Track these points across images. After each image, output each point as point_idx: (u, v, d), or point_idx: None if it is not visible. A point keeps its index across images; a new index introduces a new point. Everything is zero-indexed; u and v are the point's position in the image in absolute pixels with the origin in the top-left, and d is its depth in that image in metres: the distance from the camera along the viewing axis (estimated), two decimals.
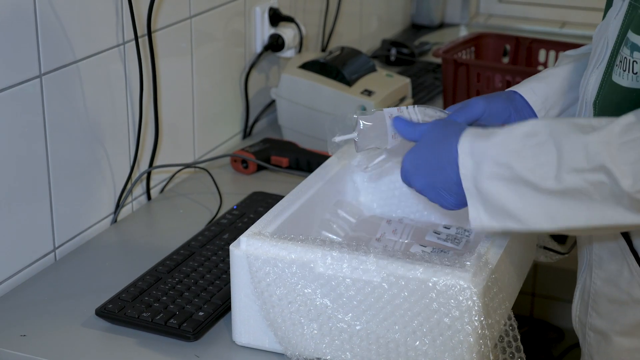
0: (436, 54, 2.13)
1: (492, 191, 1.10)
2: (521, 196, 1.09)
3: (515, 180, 1.08)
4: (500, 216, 1.11)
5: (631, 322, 1.25)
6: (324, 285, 1.17)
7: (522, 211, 1.09)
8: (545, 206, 1.08)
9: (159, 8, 1.70)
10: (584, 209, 1.05)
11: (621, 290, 1.25)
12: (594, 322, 1.31)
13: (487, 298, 1.13)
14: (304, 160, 1.85)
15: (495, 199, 1.10)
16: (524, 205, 1.09)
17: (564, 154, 1.06)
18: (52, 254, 1.53)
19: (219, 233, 1.54)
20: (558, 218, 1.08)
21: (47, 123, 1.47)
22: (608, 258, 1.26)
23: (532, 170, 1.07)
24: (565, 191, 1.05)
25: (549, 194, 1.07)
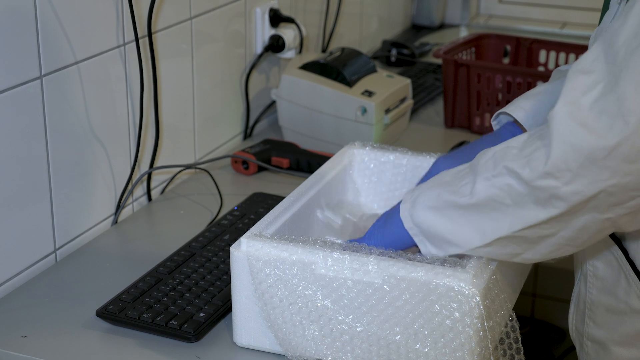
0: (436, 54, 2.12)
1: (426, 220, 1.16)
2: (450, 219, 1.14)
3: (443, 205, 1.14)
4: (442, 244, 1.17)
5: (630, 332, 1.25)
6: (325, 286, 1.17)
7: (454, 233, 1.14)
8: (471, 222, 1.12)
9: (159, 9, 1.70)
10: (502, 216, 1.09)
11: (619, 300, 1.25)
12: (591, 331, 1.30)
13: (488, 299, 1.13)
14: (305, 161, 1.84)
15: (431, 228, 1.16)
16: (454, 227, 1.14)
17: (478, 169, 1.11)
18: (52, 255, 1.53)
19: (220, 234, 1.54)
20: (485, 231, 1.12)
21: (48, 124, 1.47)
22: (604, 268, 1.26)
23: (454, 192, 1.13)
24: (481, 202, 1.10)
25: (469, 209, 1.12)
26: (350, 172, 1.53)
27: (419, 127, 2.15)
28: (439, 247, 1.17)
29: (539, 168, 1.03)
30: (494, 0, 3.16)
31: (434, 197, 1.16)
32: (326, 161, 1.50)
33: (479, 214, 1.11)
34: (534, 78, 2.02)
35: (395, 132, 2.03)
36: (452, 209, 1.13)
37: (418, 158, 1.50)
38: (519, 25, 3.02)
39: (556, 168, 1.01)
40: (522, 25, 3.02)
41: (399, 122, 2.02)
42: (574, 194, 1.02)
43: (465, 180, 1.13)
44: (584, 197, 1.02)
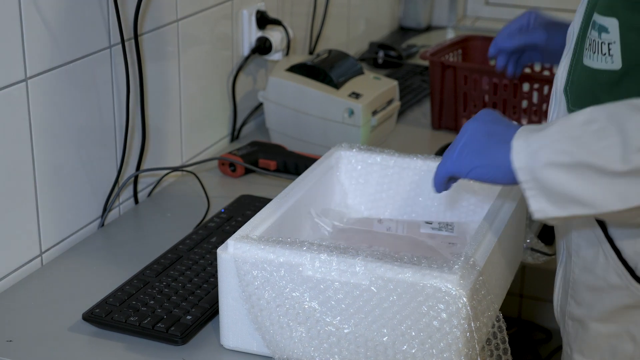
0: (423, 56, 2.13)
1: (553, 179, 1.07)
2: (587, 180, 1.06)
3: (578, 165, 1.06)
4: (565, 202, 1.08)
5: (607, 308, 1.27)
6: (312, 288, 1.17)
7: (591, 195, 1.06)
8: (615, 188, 1.05)
9: (145, 11, 1.69)
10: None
11: (597, 276, 1.27)
12: (572, 310, 1.33)
13: (475, 300, 1.13)
14: (292, 163, 1.84)
15: (557, 187, 1.07)
16: (592, 190, 1.06)
17: (628, 135, 1.04)
18: (38, 258, 1.52)
19: (207, 236, 1.54)
20: (630, 198, 1.05)
21: (33, 127, 1.46)
22: (585, 245, 1.28)
23: (595, 153, 1.05)
24: (634, 170, 1.03)
25: (617, 175, 1.04)
26: (337, 174, 1.53)
27: (406, 128, 2.15)
28: (558, 205, 1.08)
29: None
30: (481, 2, 3.17)
31: (564, 153, 1.07)
32: (313, 163, 1.50)
33: (626, 181, 1.04)
34: (521, 79, 2.03)
35: (383, 134, 2.03)
36: (592, 171, 1.05)
37: (405, 160, 1.51)
38: None
39: None
40: None
41: (386, 123, 2.02)
42: None
43: (608, 141, 1.05)
44: None
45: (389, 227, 1.45)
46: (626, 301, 1.26)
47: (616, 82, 1.18)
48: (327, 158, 1.51)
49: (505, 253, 1.33)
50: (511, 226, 1.35)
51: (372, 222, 1.48)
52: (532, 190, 1.09)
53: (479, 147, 1.16)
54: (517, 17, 1.70)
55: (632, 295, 1.25)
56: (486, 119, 1.19)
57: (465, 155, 1.17)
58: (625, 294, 1.25)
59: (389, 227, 1.45)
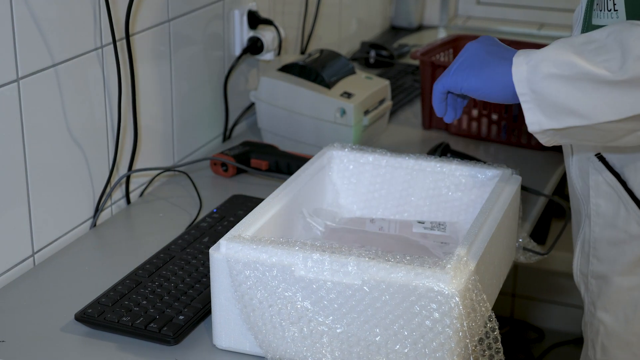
0: (414, 56, 2.13)
1: (550, 90, 1.12)
2: (584, 91, 1.10)
3: (577, 77, 1.10)
4: (560, 114, 1.12)
5: (630, 259, 1.32)
6: (304, 288, 1.17)
7: (585, 105, 1.10)
8: (610, 97, 1.09)
9: (137, 11, 1.69)
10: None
11: (619, 230, 1.31)
12: (594, 268, 1.37)
13: (467, 300, 1.13)
14: (284, 163, 1.84)
15: (554, 98, 1.12)
16: (588, 100, 1.10)
17: (628, 46, 1.08)
18: (30, 258, 1.52)
19: (199, 236, 1.54)
20: (624, 108, 1.09)
21: (25, 127, 1.46)
22: (605, 204, 1.32)
23: (595, 64, 1.09)
24: (631, 80, 1.07)
25: (614, 85, 1.08)
26: (329, 174, 1.53)
27: (398, 128, 2.15)
28: (553, 117, 1.13)
29: None
30: (472, 2, 3.18)
31: (565, 65, 1.11)
32: (305, 163, 1.50)
33: (623, 91, 1.08)
34: None
35: (374, 134, 2.03)
36: (589, 82, 1.10)
37: (397, 159, 1.51)
38: (497, 26, 3.04)
39: None
40: (500, 26, 3.04)
41: (378, 123, 2.03)
42: None
43: (608, 55, 1.09)
44: None
45: (381, 227, 1.46)
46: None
47: None
48: (319, 158, 1.51)
49: (498, 252, 1.34)
50: (503, 226, 1.35)
51: (364, 221, 1.48)
52: (529, 103, 1.14)
53: (478, 62, 1.21)
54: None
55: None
56: (487, 42, 1.25)
57: (463, 69, 1.22)
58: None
59: (381, 227, 1.46)
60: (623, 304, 1.35)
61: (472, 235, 1.24)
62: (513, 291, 2.71)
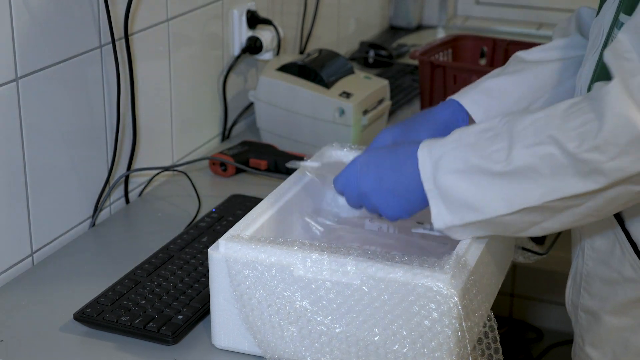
0: (413, 56, 2.13)
1: (450, 185, 1.13)
2: (477, 184, 1.11)
3: (471, 170, 1.11)
4: (460, 209, 1.14)
5: (621, 300, 1.29)
6: (303, 288, 1.17)
7: (479, 199, 1.11)
8: (500, 190, 1.10)
9: (136, 11, 1.69)
10: (535, 186, 1.08)
11: (612, 269, 1.28)
12: (585, 302, 1.34)
13: (466, 300, 1.13)
14: (283, 162, 1.84)
15: (453, 193, 1.13)
16: (480, 193, 1.11)
17: (515, 136, 1.09)
18: (29, 258, 1.52)
19: (198, 236, 1.54)
20: (514, 200, 1.10)
21: (24, 127, 1.46)
22: (600, 239, 1.29)
23: (485, 157, 1.10)
24: (516, 170, 1.08)
25: (502, 176, 1.09)
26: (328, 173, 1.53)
27: None
28: (455, 212, 1.14)
29: (589, 141, 1.02)
30: (471, 2, 3.18)
31: (461, 160, 1.12)
32: None
33: (511, 182, 1.09)
34: None
35: (373, 133, 2.02)
36: (482, 174, 1.11)
37: None
38: (495, 26, 3.04)
39: (605, 142, 1.01)
40: (499, 26, 3.04)
41: (377, 123, 2.03)
42: (617, 170, 1.03)
43: (497, 145, 1.10)
44: (626, 174, 1.03)
45: (380, 227, 1.46)
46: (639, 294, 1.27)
47: None
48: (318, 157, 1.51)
49: (496, 252, 1.34)
50: None
51: (363, 221, 1.48)
52: (434, 199, 1.15)
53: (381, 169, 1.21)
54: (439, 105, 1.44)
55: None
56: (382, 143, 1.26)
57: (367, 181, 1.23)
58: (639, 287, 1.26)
59: (380, 227, 1.46)
60: (612, 342, 1.32)
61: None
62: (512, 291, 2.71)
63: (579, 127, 1.04)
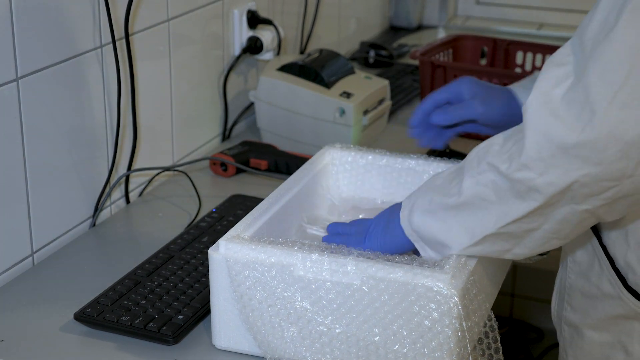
0: (413, 56, 2.13)
1: (423, 225, 1.18)
2: (442, 221, 1.15)
3: (436, 208, 1.16)
4: (437, 247, 1.18)
5: (600, 316, 1.27)
6: (303, 288, 1.17)
7: (445, 234, 1.16)
8: (461, 222, 1.14)
9: (136, 11, 1.69)
10: (487, 213, 1.11)
11: (592, 284, 1.27)
12: (568, 315, 1.33)
13: (466, 300, 1.13)
14: (283, 162, 1.84)
15: (427, 232, 1.18)
16: (445, 228, 1.15)
17: (465, 167, 1.13)
18: (30, 258, 1.52)
19: (198, 236, 1.54)
20: (474, 230, 1.13)
21: (24, 127, 1.46)
22: (581, 252, 1.29)
23: (445, 193, 1.15)
24: (467, 201, 1.12)
25: (457, 208, 1.13)
26: (328, 174, 1.53)
27: (397, 128, 2.15)
28: (436, 250, 1.19)
29: (516, 160, 1.05)
30: (472, 2, 3.18)
31: (428, 201, 1.17)
32: (305, 163, 1.50)
33: (467, 213, 1.13)
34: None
35: (374, 134, 2.03)
36: (443, 210, 1.15)
37: (396, 159, 1.51)
38: (496, 26, 3.04)
39: (530, 158, 1.03)
40: (499, 26, 3.03)
41: (378, 123, 2.03)
42: (549, 185, 1.03)
43: (455, 180, 1.15)
44: (559, 188, 1.03)
45: None
46: (618, 311, 1.25)
47: None
48: (318, 157, 1.51)
49: None
50: None
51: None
52: (417, 242, 1.20)
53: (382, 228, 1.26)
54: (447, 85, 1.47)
55: (624, 306, 1.24)
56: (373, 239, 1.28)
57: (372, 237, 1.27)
58: (618, 303, 1.25)
59: None
60: (594, 358, 1.31)
61: None
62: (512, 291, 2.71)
63: (510, 149, 1.07)
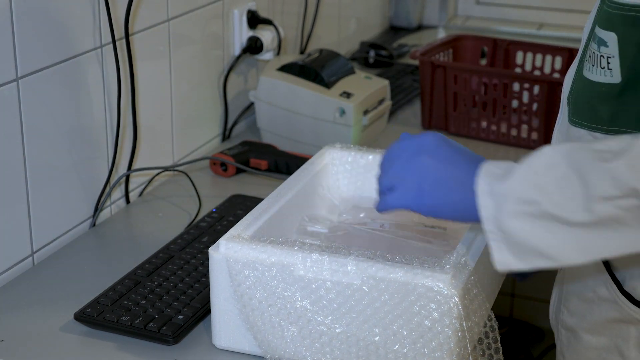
0: (413, 56, 2.13)
1: (518, 230, 1.03)
2: (550, 232, 1.02)
3: (543, 216, 1.01)
4: (528, 255, 1.04)
5: (596, 319, 1.26)
6: (303, 288, 1.17)
7: (552, 248, 1.03)
8: (577, 239, 1.01)
9: (136, 11, 1.69)
10: (617, 237, 1.00)
11: (588, 287, 1.26)
12: (565, 319, 1.32)
13: (466, 300, 1.13)
14: (283, 162, 1.84)
15: (521, 238, 1.03)
16: (554, 242, 1.02)
17: (590, 185, 1.00)
18: (30, 258, 1.52)
19: (198, 236, 1.54)
20: (591, 250, 1.02)
21: (24, 127, 1.46)
22: None
23: (559, 204, 1.01)
24: (598, 222, 1.00)
25: (580, 226, 1.01)
26: (328, 174, 1.53)
27: (397, 128, 2.15)
28: (522, 258, 1.05)
29: None
30: (472, 2, 3.18)
31: (529, 203, 1.02)
32: (305, 163, 1.50)
33: (591, 233, 1.01)
34: (511, 79, 2.03)
35: (374, 134, 2.03)
36: (557, 223, 1.01)
37: None
38: (496, 26, 3.04)
39: None
40: (499, 26, 3.03)
41: (378, 123, 2.03)
42: None
43: (570, 190, 1.01)
44: None
45: (382, 224, 1.45)
46: (614, 315, 1.23)
47: (615, 95, 1.16)
48: (318, 157, 1.51)
49: None
50: None
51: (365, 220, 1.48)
52: (496, 242, 1.05)
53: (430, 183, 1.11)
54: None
55: (620, 310, 1.22)
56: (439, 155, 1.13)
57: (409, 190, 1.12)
58: (614, 307, 1.23)
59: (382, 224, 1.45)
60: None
61: (472, 235, 1.24)
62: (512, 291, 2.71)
63: None
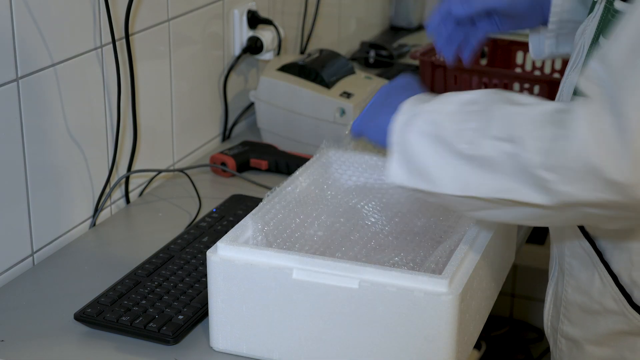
0: (413, 56, 2.13)
1: (415, 145, 1.09)
2: (439, 155, 1.07)
3: (438, 139, 1.07)
4: (416, 173, 1.10)
5: (604, 332, 1.25)
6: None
7: (435, 171, 1.08)
8: (458, 170, 1.06)
9: (136, 11, 1.69)
10: (492, 180, 1.04)
11: (593, 299, 1.24)
12: (566, 329, 1.31)
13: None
14: (283, 162, 1.85)
15: (415, 154, 1.09)
16: (440, 165, 1.08)
17: (491, 122, 1.05)
18: (30, 258, 1.52)
19: (198, 236, 1.54)
20: (469, 185, 1.06)
21: (25, 127, 1.46)
22: (579, 267, 1.26)
23: (455, 131, 1.07)
24: (478, 157, 1.04)
25: (463, 158, 1.05)
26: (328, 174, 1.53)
27: None
28: (410, 173, 1.11)
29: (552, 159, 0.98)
30: None
31: (433, 124, 1.08)
32: (305, 163, 1.50)
33: (471, 167, 1.05)
34: (511, 79, 2.03)
35: None
36: (447, 147, 1.07)
37: None
38: None
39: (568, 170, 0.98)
40: None
41: None
42: (568, 195, 0.99)
43: (471, 124, 1.06)
44: (576, 200, 0.99)
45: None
46: (622, 327, 1.23)
47: None
48: (318, 158, 1.51)
49: (497, 254, 1.34)
50: (502, 227, 1.35)
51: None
52: (396, 153, 1.11)
53: (373, 113, 1.23)
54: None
55: (628, 322, 1.22)
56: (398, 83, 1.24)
57: (362, 116, 1.26)
58: (622, 319, 1.22)
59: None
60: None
61: (471, 237, 1.24)
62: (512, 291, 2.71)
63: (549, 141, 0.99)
